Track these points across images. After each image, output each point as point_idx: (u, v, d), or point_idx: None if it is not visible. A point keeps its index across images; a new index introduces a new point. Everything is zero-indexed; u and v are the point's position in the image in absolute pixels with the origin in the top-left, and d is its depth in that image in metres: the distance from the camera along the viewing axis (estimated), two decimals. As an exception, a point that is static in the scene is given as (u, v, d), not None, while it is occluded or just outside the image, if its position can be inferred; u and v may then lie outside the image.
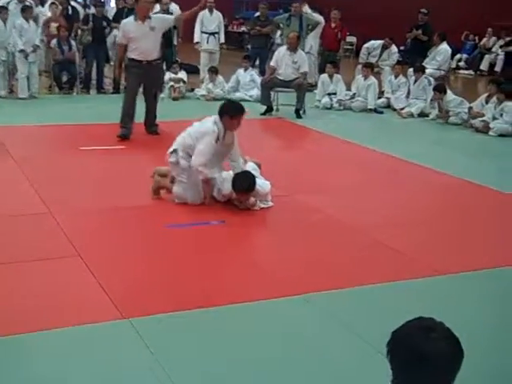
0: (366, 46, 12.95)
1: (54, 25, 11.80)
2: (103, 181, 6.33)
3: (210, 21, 12.53)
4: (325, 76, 11.31)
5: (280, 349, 3.38)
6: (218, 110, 5.55)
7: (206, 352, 3.30)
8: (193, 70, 13.27)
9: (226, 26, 14.17)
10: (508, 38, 15.71)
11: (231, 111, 5.57)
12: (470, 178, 6.84)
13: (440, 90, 10.10)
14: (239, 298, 3.91)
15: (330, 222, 5.38)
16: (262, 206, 5.58)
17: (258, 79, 11.88)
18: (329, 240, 4.96)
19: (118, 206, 5.51)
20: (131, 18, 8.12)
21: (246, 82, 11.89)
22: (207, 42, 12.56)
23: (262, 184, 5.64)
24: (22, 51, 10.58)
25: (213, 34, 12.55)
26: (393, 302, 3.97)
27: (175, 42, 12.09)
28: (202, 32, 12.51)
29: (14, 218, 5.13)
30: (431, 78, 10.99)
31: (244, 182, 5.44)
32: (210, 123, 5.54)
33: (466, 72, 17.59)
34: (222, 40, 12.76)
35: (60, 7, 12.04)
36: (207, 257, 4.56)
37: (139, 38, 7.82)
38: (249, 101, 11.39)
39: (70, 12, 12.26)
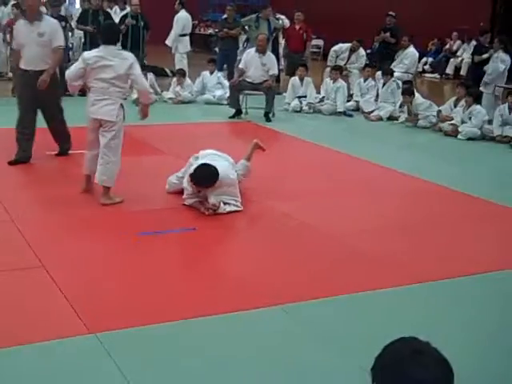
0: (333, 48, 12.90)
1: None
2: (68, 185, 6.09)
3: None
4: (295, 79, 11.20)
5: (257, 363, 3.23)
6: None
7: (178, 368, 3.14)
8: (160, 73, 13.08)
9: (193, 28, 13.98)
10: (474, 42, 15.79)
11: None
12: (441, 182, 6.79)
13: (409, 93, 10.07)
14: (212, 310, 3.74)
15: (306, 229, 5.25)
16: (229, 209, 5.39)
17: (225, 81, 11.76)
18: (305, 248, 4.83)
19: (85, 213, 5.30)
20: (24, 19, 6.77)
21: (212, 85, 11.73)
22: None
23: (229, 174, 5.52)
24: None
25: None
26: (373, 312, 3.87)
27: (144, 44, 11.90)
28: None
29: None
30: (399, 82, 10.97)
31: (203, 173, 5.30)
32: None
33: (432, 75, 17.68)
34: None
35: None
36: (178, 267, 4.40)
37: (25, 42, 6.56)
38: (215, 103, 11.26)
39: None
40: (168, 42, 12.77)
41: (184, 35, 12.71)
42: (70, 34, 11.80)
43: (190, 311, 3.70)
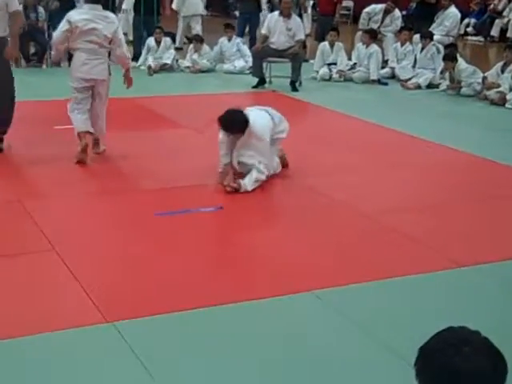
0: (366, 10, 12.73)
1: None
2: (68, 164, 6.09)
3: None
4: (325, 44, 11.10)
5: (287, 351, 3.23)
6: None
7: (205, 357, 3.14)
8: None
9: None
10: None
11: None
12: (486, 155, 6.70)
13: (451, 58, 9.92)
14: (240, 296, 3.74)
15: (338, 207, 5.22)
16: (251, 186, 5.37)
17: (245, 49, 11.67)
18: (337, 228, 4.80)
19: (98, 192, 5.33)
20: None
21: (231, 53, 11.66)
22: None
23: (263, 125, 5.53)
24: None
25: None
26: (410, 298, 3.84)
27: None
28: None
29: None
30: (440, 46, 10.81)
31: (231, 116, 5.39)
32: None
33: (476, 38, 17.41)
34: None
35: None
36: (203, 250, 4.38)
37: None
38: (235, 73, 11.22)
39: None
40: (174, 5, 12.76)
41: None
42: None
43: (215, 298, 3.70)
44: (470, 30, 17.79)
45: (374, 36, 11.16)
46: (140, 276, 3.96)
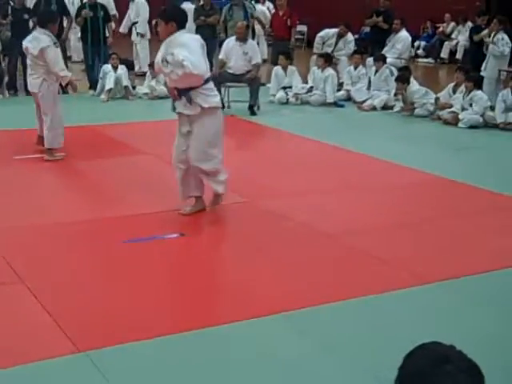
0: (320, 35, 12.92)
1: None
2: (42, 193, 6.08)
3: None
4: (278, 68, 11.24)
5: (258, 373, 3.25)
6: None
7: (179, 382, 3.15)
8: (132, 66, 13.12)
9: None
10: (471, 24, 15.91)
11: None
12: (443, 174, 6.86)
13: (403, 80, 10.14)
14: (208, 321, 3.77)
15: (302, 229, 5.28)
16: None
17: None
18: (304, 250, 4.86)
19: (63, 222, 5.28)
20: None
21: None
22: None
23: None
24: None
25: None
26: (379, 317, 3.90)
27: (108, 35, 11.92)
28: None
29: None
30: (393, 68, 11.03)
31: None
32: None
33: (426, 60, 17.81)
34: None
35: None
36: (169, 277, 4.40)
37: None
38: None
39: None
40: (121, 28, 12.97)
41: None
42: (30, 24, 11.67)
43: (184, 324, 3.72)
44: (420, 52, 18.20)
45: (328, 60, 11.33)
46: (110, 304, 3.96)
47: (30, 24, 11.40)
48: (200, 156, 5.33)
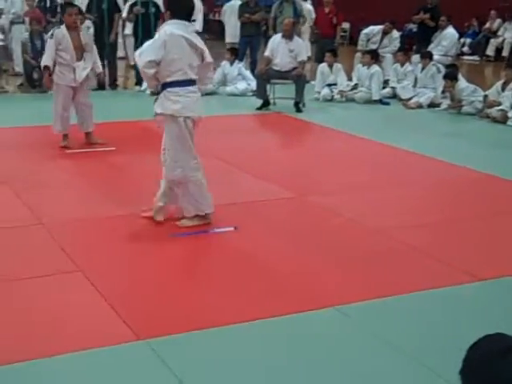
0: (364, 31, 12.94)
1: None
2: (95, 186, 6.22)
3: None
4: (324, 66, 11.26)
5: (317, 368, 3.30)
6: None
7: (235, 374, 3.21)
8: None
9: (205, 14, 14.08)
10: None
11: None
12: (492, 172, 6.82)
13: (451, 77, 10.08)
14: (264, 313, 3.81)
15: (352, 225, 5.31)
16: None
17: (247, 73, 11.86)
18: (354, 245, 4.89)
19: (116, 215, 5.39)
20: None
21: (233, 76, 11.81)
22: None
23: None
24: None
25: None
26: (432, 312, 3.91)
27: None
28: None
29: (1, 232, 5.00)
30: (440, 65, 10.97)
31: None
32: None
33: (471, 58, 17.64)
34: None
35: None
36: (223, 269, 4.46)
37: None
38: (238, 95, 11.36)
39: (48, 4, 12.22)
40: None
41: None
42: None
43: (241, 315, 3.77)
44: (465, 49, 18.03)
45: (375, 57, 11.33)
46: (168, 294, 4.04)
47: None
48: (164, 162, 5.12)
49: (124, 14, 12.62)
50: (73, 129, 7.58)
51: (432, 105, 10.63)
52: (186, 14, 4.96)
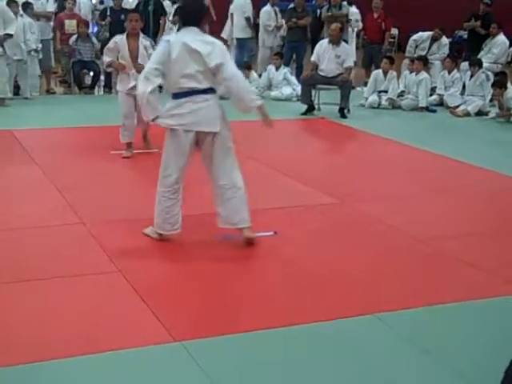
0: (413, 38, 12.81)
1: (68, 22, 11.89)
2: (140, 187, 6.28)
3: None
4: (379, 72, 11.21)
5: (352, 373, 3.27)
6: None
7: (269, 379, 3.20)
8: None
9: (254, 19, 14.12)
10: None
11: None
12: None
13: (500, 85, 9.92)
14: (301, 318, 3.79)
15: (394, 233, 5.25)
16: None
17: (292, 78, 11.86)
18: (396, 254, 4.84)
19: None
20: None
21: (278, 81, 11.82)
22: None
23: None
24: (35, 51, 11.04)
25: None
26: (473, 323, 3.84)
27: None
28: None
29: (44, 230, 5.09)
30: (489, 73, 10.79)
31: None
32: None
33: (522, 66, 17.32)
34: None
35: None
36: (262, 274, 4.46)
37: None
38: (282, 100, 11.35)
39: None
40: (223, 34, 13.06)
41: None
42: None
43: (280, 319, 3.76)
44: (517, 57, 17.69)
45: (425, 63, 11.23)
46: (205, 297, 4.05)
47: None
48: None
49: (171, 17, 12.77)
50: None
51: (480, 113, 10.46)
52: (195, 20, 4.72)
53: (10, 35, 9.96)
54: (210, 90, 4.69)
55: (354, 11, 13.70)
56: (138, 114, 7.08)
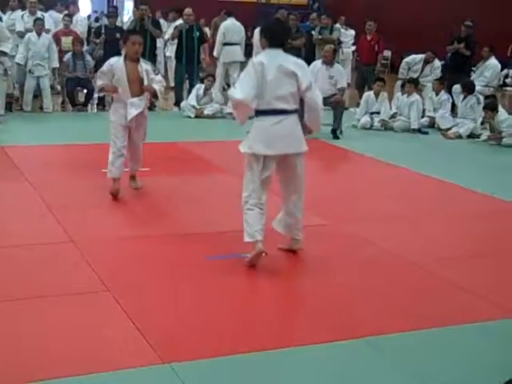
0: (406, 60, 12.89)
1: (64, 39, 11.93)
2: (130, 206, 6.25)
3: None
4: (370, 94, 11.24)
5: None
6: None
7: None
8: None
9: (248, 39, 14.16)
10: None
11: None
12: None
13: (491, 108, 9.96)
14: (291, 341, 3.77)
15: (385, 255, 5.24)
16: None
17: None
18: (387, 277, 4.82)
19: (150, 235, 5.41)
20: None
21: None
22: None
23: None
24: (18, 64, 11.04)
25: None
26: (464, 347, 3.83)
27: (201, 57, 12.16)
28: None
29: (33, 248, 5.04)
30: (480, 96, 10.86)
31: None
32: None
33: (514, 89, 17.44)
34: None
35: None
36: (249, 295, 4.43)
37: None
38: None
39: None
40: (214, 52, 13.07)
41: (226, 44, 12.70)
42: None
43: (267, 342, 3.73)
44: (508, 80, 17.83)
45: (416, 85, 11.29)
46: (194, 318, 4.01)
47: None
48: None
49: (166, 36, 12.82)
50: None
51: (472, 135, 10.51)
52: (282, 41, 4.83)
53: (5, 53, 10.01)
54: (296, 112, 4.83)
55: (349, 33, 13.79)
56: (132, 150, 6.60)
